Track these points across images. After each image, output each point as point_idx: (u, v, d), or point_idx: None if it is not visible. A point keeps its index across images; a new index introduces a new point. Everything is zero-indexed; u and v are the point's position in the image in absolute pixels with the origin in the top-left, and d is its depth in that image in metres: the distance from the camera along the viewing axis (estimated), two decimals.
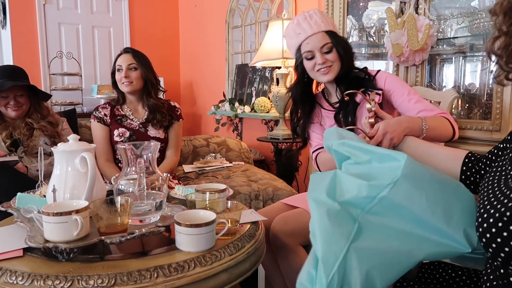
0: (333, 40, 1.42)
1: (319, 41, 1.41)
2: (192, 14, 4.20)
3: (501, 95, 1.52)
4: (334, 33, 1.45)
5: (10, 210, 1.18)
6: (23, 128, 1.93)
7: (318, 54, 1.41)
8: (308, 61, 1.44)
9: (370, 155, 0.81)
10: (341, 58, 1.43)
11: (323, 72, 1.42)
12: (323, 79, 1.46)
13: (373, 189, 0.75)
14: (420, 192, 0.75)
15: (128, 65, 1.92)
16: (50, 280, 0.84)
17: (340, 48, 1.42)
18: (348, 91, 1.32)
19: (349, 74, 1.46)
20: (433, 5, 1.79)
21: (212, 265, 0.94)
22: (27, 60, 3.58)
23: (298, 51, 1.46)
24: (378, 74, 1.46)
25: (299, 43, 1.44)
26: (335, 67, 1.43)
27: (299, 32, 1.43)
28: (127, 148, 1.15)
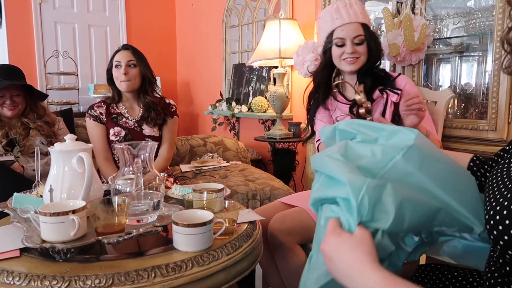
0: (366, 33, 1.44)
1: (353, 31, 1.42)
2: (189, 13, 4.19)
3: (496, 95, 1.53)
4: (368, 27, 1.46)
5: (7, 210, 1.17)
6: (19, 127, 1.93)
7: (349, 43, 1.42)
8: (337, 48, 1.45)
9: (378, 133, 0.80)
10: (369, 52, 1.45)
11: (349, 61, 1.44)
12: (347, 68, 1.46)
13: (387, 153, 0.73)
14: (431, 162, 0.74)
15: (128, 61, 1.90)
16: (47, 281, 0.84)
17: (371, 42, 1.45)
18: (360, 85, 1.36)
19: (371, 70, 1.48)
20: (430, 5, 1.79)
21: (210, 265, 0.94)
22: (23, 59, 3.56)
23: (329, 36, 1.47)
24: (399, 77, 1.49)
25: (333, 28, 1.45)
26: (361, 60, 1.45)
27: (336, 17, 1.43)
28: (124, 148, 1.15)
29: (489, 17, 1.62)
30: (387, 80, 1.46)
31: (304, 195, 1.60)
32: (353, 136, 0.83)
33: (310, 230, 1.38)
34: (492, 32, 1.56)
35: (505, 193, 0.67)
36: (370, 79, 1.46)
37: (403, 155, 0.73)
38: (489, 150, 1.53)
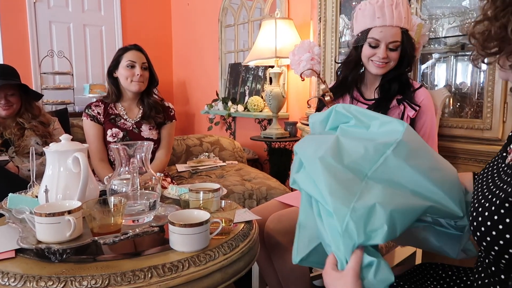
0: (404, 40, 1.37)
1: (391, 35, 1.35)
2: (185, 13, 4.18)
3: (492, 94, 1.54)
4: (407, 32, 1.40)
5: (2, 211, 1.16)
6: (14, 127, 1.91)
7: (383, 47, 1.36)
8: (369, 48, 1.38)
9: (371, 121, 0.82)
10: (401, 59, 1.40)
11: (378, 65, 1.39)
12: (374, 71, 1.41)
13: (379, 148, 0.76)
14: (419, 156, 0.78)
15: (142, 63, 1.90)
16: (43, 281, 0.83)
17: (406, 50, 1.39)
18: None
19: (397, 78, 1.42)
20: (425, 4, 1.80)
21: (206, 265, 0.94)
22: (17, 59, 3.54)
23: (365, 33, 1.38)
24: (420, 90, 1.43)
25: (372, 26, 1.36)
26: (390, 65, 1.40)
27: (378, 16, 1.34)
28: (120, 148, 1.14)
29: None
30: (408, 91, 1.41)
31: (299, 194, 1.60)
32: (347, 120, 0.86)
33: None
34: None
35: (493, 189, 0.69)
36: (393, 87, 1.41)
37: (393, 150, 0.75)
38: (484, 149, 1.54)
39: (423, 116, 1.42)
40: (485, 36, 0.66)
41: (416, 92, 1.43)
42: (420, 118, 1.42)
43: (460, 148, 1.62)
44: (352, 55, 1.48)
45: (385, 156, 0.75)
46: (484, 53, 0.68)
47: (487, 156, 1.54)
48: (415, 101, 1.41)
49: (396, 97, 1.41)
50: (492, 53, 0.67)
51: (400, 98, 1.40)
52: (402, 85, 1.43)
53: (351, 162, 0.76)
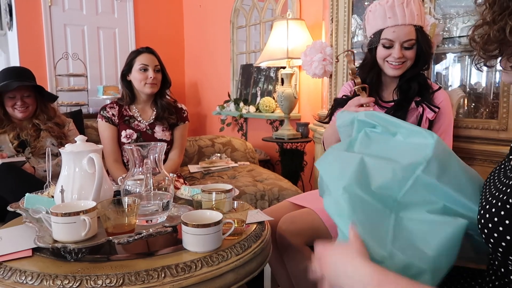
0: (419, 37, 1.33)
1: (405, 34, 1.31)
2: (197, 15, 4.21)
3: (507, 94, 1.51)
4: (422, 29, 1.35)
5: (19, 211, 1.19)
6: (30, 129, 1.95)
7: (397, 46, 1.32)
8: (383, 49, 1.35)
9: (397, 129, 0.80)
10: (417, 58, 1.36)
11: (394, 66, 1.35)
12: (391, 73, 1.38)
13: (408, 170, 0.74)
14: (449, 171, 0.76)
15: (155, 66, 1.92)
16: (59, 280, 0.85)
17: (422, 47, 1.35)
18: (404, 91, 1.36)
19: (416, 78, 1.39)
20: (439, 4, 1.78)
21: (219, 265, 0.94)
22: (33, 62, 3.61)
23: (377, 34, 1.36)
24: (438, 91, 1.41)
25: (384, 27, 1.33)
26: (407, 65, 1.36)
27: (389, 16, 1.31)
28: (134, 149, 1.16)
29: None
30: (426, 92, 1.38)
31: (313, 195, 1.59)
32: (372, 126, 0.83)
33: (319, 231, 1.37)
34: None
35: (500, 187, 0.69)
36: (413, 87, 1.37)
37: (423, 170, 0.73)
38: (499, 150, 1.51)
39: (442, 118, 1.39)
40: (485, 39, 0.68)
41: (435, 93, 1.40)
42: (439, 120, 1.39)
43: (475, 149, 1.59)
44: (367, 58, 1.45)
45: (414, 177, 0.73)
46: (486, 56, 0.70)
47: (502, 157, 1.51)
48: (434, 102, 1.37)
49: (415, 99, 1.38)
50: (493, 55, 0.69)
51: (418, 100, 1.36)
52: (421, 86, 1.39)
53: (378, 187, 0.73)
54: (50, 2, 3.74)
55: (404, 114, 1.37)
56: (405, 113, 1.38)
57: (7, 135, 1.91)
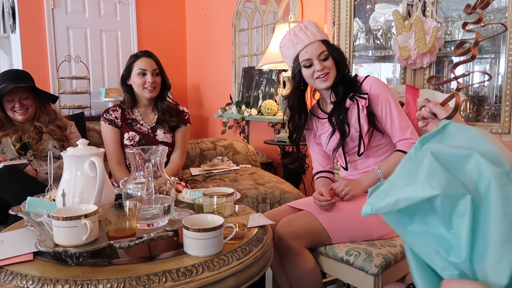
0: (328, 48, 1.49)
1: (316, 49, 1.47)
2: (199, 17, 4.22)
3: (510, 98, 1.51)
4: (328, 41, 1.52)
5: (20, 214, 1.19)
6: (32, 132, 1.96)
7: (316, 61, 1.47)
8: (306, 69, 1.50)
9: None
10: (337, 64, 1.50)
11: (322, 79, 1.48)
12: (322, 86, 1.50)
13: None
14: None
15: (153, 70, 1.92)
16: (60, 284, 0.85)
17: (335, 55, 1.49)
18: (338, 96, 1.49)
19: (343, 80, 1.52)
20: (441, 7, 1.78)
21: (220, 270, 0.94)
22: (36, 64, 3.62)
23: (296, 60, 1.51)
24: (365, 80, 1.52)
25: (297, 52, 1.49)
26: (332, 74, 1.49)
27: (297, 42, 1.48)
28: (136, 152, 1.16)
29: (502, 18, 1.60)
30: (354, 86, 1.50)
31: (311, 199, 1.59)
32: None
33: (318, 233, 1.37)
34: (505, 34, 1.54)
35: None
36: (342, 89, 1.50)
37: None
38: None
39: (378, 101, 1.47)
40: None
41: (363, 83, 1.51)
42: (376, 104, 1.47)
43: None
44: (293, 85, 1.60)
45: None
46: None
47: None
48: (363, 91, 1.48)
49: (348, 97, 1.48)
50: None
51: (351, 96, 1.47)
52: (348, 84, 1.51)
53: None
54: (53, 5, 3.76)
55: (344, 113, 1.49)
56: (345, 112, 1.49)
57: (9, 138, 1.92)
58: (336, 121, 1.51)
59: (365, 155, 1.52)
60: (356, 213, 1.36)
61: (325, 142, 1.59)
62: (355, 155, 1.53)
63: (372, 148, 1.52)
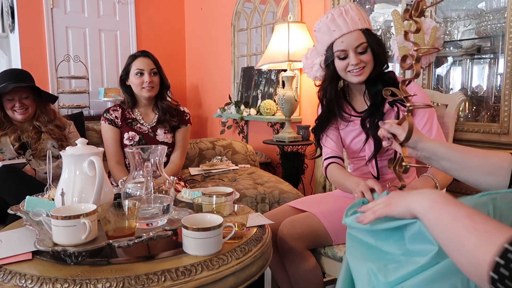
0: (368, 39, 1.34)
1: (354, 40, 1.33)
2: (198, 17, 4.22)
3: (509, 98, 1.51)
4: (369, 31, 1.36)
5: (19, 213, 1.19)
6: (31, 131, 1.95)
7: (352, 54, 1.33)
8: (340, 61, 1.36)
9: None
10: (375, 58, 1.36)
11: (356, 73, 1.35)
12: (355, 80, 1.38)
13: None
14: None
15: (151, 70, 1.92)
16: (59, 284, 0.85)
17: (375, 48, 1.35)
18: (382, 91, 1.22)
19: (381, 77, 1.38)
20: (440, 7, 1.78)
21: (219, 269, 0.94)
22: (35, 64, 3.61)
23: (330, 49, 1.38)
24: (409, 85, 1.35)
25: (332, 40, 1.36)
26: (368, 68, 1.36)
27: (333, 29, 1.33)
28: (135, 152, 1.16)
29: (501, 19, 1.61)
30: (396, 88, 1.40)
31: (313, 199, 1.59)
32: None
33: (320, 235, 1.37)
34: (504, 34, 1.54)
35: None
36: (379, 88, 1.35)
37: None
38: None
39: (421, 111, 1.36)
40: None
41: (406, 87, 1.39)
42: (418, 113, 1.36)
43: None
44: (326, 75, 1.45)
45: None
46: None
47: None
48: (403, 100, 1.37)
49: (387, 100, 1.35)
50: None
51: (391, 101, 1.35)
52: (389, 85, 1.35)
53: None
54: (52, 5, 3.75)
55: (380, 117, 1.36)
56: (382, 116, 1.36)
57: (8, 138, 1.91)
58: (372, 127, 1.36)
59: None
60: None
61: (349, 141, 1.47)
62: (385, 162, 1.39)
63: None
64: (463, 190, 1.65)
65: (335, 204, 1.47)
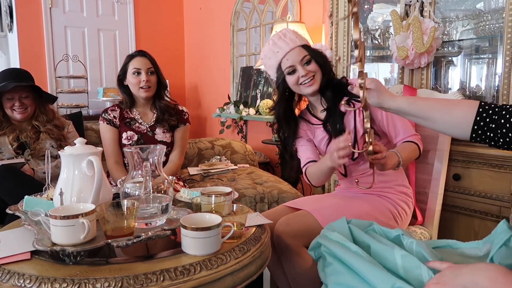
0: (310, 52, 1.47)
1: (297, 54, 1.45)
2: (197, 17, 4.22)
3: (507, 98, 1.51)
4: (308, 46, 1.49)
5: (18, 213, 1.18)
6: (29, 131, 1.95)
7: (299, 67, 1.44)
8: (290, 76, 1.47)
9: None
10: (321, 67, 1.47)
11: (307, 84, 1.45)
12: (308, 91, 1.47)
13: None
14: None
15: (148, 69, 1.92)
16: (58, 283, 0.85)
17: (318, 58, 1.47)
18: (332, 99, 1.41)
19: (331, 83, 1.49)
20: (438, 7, 1.78)
21: (218, 269, 0.94)
22: (33, 63, 3.61)
23: (278, 69, 1.49)
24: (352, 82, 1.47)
25: (279, 61, 1.47)
26: (318, 78, 1.46)
27: (277, 51, 1.47)
28: (134, 151, 1.16)
29: (499, 19, 1.61)
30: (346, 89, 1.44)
31: (309, 199, 1.60)
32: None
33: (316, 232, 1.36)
34: (502, 34, 1.54)
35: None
36: (331, 93, 1.47)
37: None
38: (498, 154, 1.52)
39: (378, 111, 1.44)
40: None
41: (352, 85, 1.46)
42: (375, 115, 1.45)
43: (474, 152, 1.59)
44: (279, 94, 1.56)
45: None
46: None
47: (502, 160, 1.51)
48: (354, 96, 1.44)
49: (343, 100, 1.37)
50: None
51: (347, 99, 1.40)
52: (338, 87, 1.48)
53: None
54: (50, 4, 3.75)
55: (340, 119, 1.45)
56: (342, 117, 1.46)
57: (6, 137, 1.91)
58: (332, 128, 1.48)
59: (361, 158, 1.49)
60: (354, 212, 1.36)
61: (323, 148, 1.56)
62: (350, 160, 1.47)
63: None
64: (461, 189, 1.65)
65: (330, 201, 1.50)
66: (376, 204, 1.46)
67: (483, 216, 1.60)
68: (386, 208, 1.45)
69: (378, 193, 1.51)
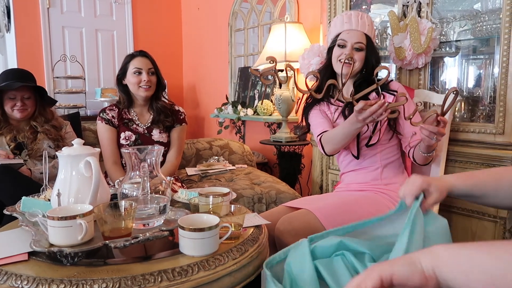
0: (368, 43, 1.55)
1: (356, 37, 1.53)
2: (195, 17, 4.22)
3: (504, 98, 1.52)
4: (371, 39, 1.56)
5: (15, 214, 1.18)
6: (27, 131, 1.95)
7: (349, 46, 1.53)
8: (338, 48, 1.56)
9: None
10: (366, 62, 1.54)
11: (345, 64, 1.51)
12: (339, 69, 1.55)
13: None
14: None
15: (148, 69, 1.92)
16: (55, 284, 0.85)
17: (369, 54, 1.54)
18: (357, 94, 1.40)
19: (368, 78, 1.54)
20: (436, 8, 1.79)
21: (216, 269, 0.94)
22: (31, 64, 3.60)
23: (335, 37, 1.58)
24: (391, 82, 1.57)
25: (341, 31, 1.56)
26: (356, 66, 1.53)
27: (346, 21, 1.55)
28: (131, 152, 1.15)
29: (496, 19, 1.61)
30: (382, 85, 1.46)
31: (309, 199, 1.60)
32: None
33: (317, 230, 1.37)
34: (499, 35, 1.55)
35: None
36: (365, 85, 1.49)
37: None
38: (497, 154, 1.52)
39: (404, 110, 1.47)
40: None
41: (389, 83, 1.56)
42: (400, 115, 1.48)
43: (471, 152, 1.60)
44: (326, 59, 1.64)
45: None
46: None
47: (499, 161, 1.52)
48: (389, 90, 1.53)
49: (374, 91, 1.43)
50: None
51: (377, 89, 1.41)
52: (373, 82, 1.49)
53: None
54: (48, 4, 3.74)
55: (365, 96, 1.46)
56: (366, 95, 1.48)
57: (3, 137, 1.91)
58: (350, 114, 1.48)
59: (373, 148, 1.55)
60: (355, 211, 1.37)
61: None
62: (364, 145, 1.55)
63: (382, 144, 1.55)
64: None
65: (330, 200, 1.51)
66: (375, 202, 1.47)
67: (480, 217, 1.60)
68: (385, 206, 1.46)
69: (378, 191, 1.52)
